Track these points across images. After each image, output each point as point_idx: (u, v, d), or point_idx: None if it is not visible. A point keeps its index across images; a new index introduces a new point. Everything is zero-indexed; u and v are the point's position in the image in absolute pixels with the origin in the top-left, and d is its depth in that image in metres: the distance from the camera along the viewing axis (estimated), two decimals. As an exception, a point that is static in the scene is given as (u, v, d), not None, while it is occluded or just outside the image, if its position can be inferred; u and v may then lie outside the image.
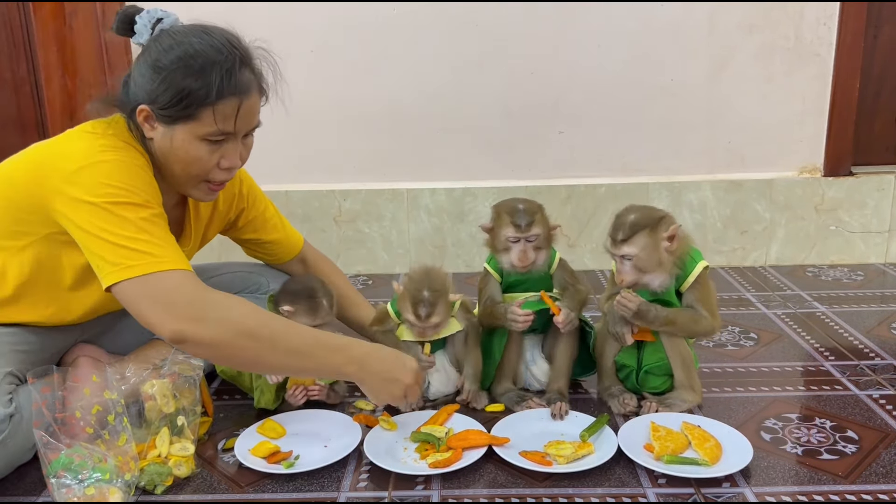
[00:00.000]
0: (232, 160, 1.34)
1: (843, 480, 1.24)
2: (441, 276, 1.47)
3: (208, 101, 1.26)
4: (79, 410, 1.28)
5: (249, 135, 1.38)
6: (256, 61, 1.34)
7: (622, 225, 1.40)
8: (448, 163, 2.47)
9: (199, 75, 1.25)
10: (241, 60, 1.29)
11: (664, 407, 1.45)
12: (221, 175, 1.36)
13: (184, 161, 1.32)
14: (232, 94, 1.27)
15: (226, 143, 1.32)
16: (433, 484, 1.25)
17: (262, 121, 1.38)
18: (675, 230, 1.39)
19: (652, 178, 2.46)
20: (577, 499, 1.20)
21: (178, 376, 1.35)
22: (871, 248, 2.48)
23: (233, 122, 1.29)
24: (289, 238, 1.75)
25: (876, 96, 2.47)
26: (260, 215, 1.68)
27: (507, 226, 1.46)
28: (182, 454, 1.29)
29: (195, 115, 1.27)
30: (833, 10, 2.32)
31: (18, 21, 2.44)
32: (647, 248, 1.38)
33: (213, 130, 1.29)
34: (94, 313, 1.45)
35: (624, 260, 1.41)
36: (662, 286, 1.43)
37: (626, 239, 1.39)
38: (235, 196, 1.62)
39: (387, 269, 2.53)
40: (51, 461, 1.18)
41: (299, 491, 1.25)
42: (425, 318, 1.43)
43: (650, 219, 1.39)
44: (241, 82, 1.28)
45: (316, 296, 1.49)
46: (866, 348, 1.78)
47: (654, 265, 1.40)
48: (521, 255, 1.47)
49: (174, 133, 1.29)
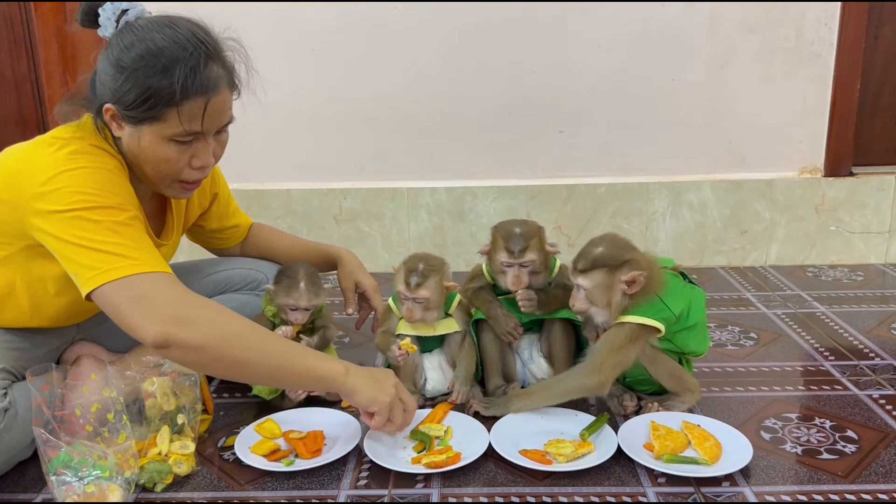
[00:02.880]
0: (204, 159, 1.30)
1: (842, 480, 1.24)
2: (439, 259, 1.50)
3: (173, 101, 1.20)
4: (78, 408, 1.28)
5: (223, 131, 1.33)
6: (228, 54, 1.29)
7: (586, 255, 1.37)
8: (448, 162, 2.47)
9: (162, 75, 1.19)
10: (207, 56, 1.23)
11: (664, 409, 1.45)
12: (194, 174, 1.32)
13: (153, 162, 1.28)
14: (198, 93, 1.22)
15: (196, 142, 1.28)
16: (433, 482, 1.25)
17: (235, 116, 1.33)
18: (633, 277, 1.33)
19: (652, 178, 2.46)
20: (576, 497, 1.20)
21: (178, 374, 1.35)
22: (871, 249, 2.48)
23: (199, 121, 1.24)
24: (245, 220, 1.76)
25: (876, 97, 2.47)
26: (225, 199, 1.67)
27: (501, 251, 1.46)
28: (182, 452, 1.29)
29: (160, 116, 1.22)
30: (834, 11, 2.32)
31: (19, 19, 2.44)
32: (601, 287, 1.35)
33: (180, 131, 1.24)
34: (85, 315, 1.45)
35: (580, 288, 1.38)
36: (605, 324, 1.40)
37: (584, 270, 1.36)
38: (209, 182, 1.60)
39: (387, 267, 2.53)
40: (50, 459, 1.18)
41: (299, 489, 1.25)
42: (414, 287, 1.44)
43: (614, 259, 1.35)
44: (207, 79, 1.23)
45: (296, 277, 1.50)
46: (866, 348, 1.78)
47: (603, 303, 1.37)
48: (515, 280, 1.47)
49: (141, 134, 1.25)
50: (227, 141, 1.36)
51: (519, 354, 1.58)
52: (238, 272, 1.75)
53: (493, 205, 2.46)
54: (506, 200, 2.46)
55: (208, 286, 1.71)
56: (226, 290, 1.73)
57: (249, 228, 1.78)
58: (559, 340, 1.55)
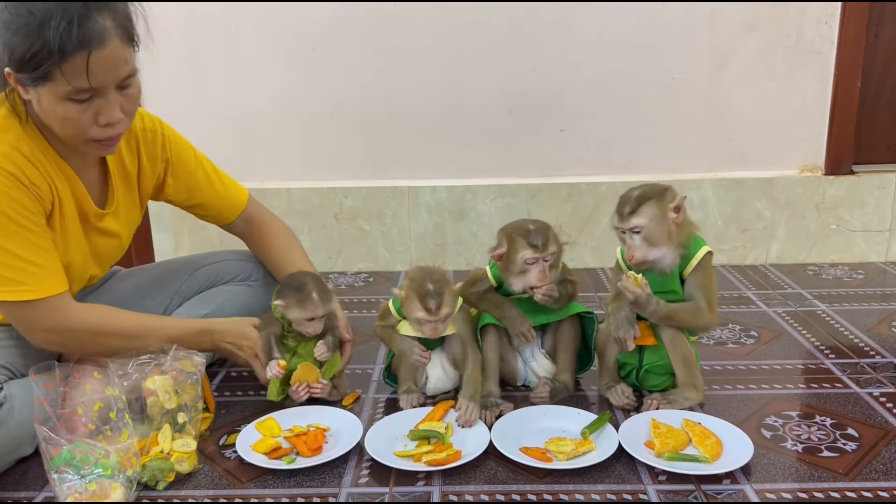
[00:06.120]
0: (108, 115, 1.25)
1: (843, 478, 1.24)
2: (439, 270, 1.46)
3: (52, 59, 1.15)
4: (80, 406, 1.29)
5: (127, 85, 1.26)
6: (121, 5, 1.22)
7: (628, 199, 1.40)
8: (449, 160, 2.47)
9: (38, 33, 1.14)
10: (87, 8, 1.16)
11: (666, 403, 1.45)
12: (104, 132, 1.27)
13: (57, 122, 1.24)
14: (78, 48, 1.16)
15: (95, 98, 1.22)
16: (434, 480, 1.25)
17: (138, 68, 1.27)
18: (680, 201, 1.39)
19: (653, 176, 2.45)
20: (577, 495, 1.21)
21: (179, 372, 1.35)
22: (872, 247, 2.48)
23: (85, 77, 1.18)
24: (230, 197, 1.67)
25: (877, 95, 2.47)
26: (190, 172, 1.60)
27: (524, 248, 1.42)
28: (184, 450, 1.29)
29: (47, 75, 1.18)
30: (834, 9, 2.32)
31: None
32: (655, 219, 1.38)
33: (70, 89, 1.19)
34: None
35: (633, 234, 1.39)
36: (673, 263, 1.42)
37: (633, 211, 1.38)
38: (158, 152, 1.54)
39: (388, 266, 2.53)
40: (52, 457, 1.18)
41: (300, 487, 1.25)
42: (436, 309, 1.40)
43: (655, 190, 1.40)
44: (88, 33, 1.16)
45: (305, 288, 1.45)
46: (867, 346, 1.79)
47: (662, 237, 1.39)
48: (541, 275, 1.43)
49: (39, 95, 1.22)
50: (137, 95, 1.30)
51: (520, 353, 1.58)
52: (229, 264, 1.74)
53: (494, 203, 2.46)
54: (506, 199, 2.46)
55: (200, 279, 1.71)
56: (217, 282, 1.72)
57: (249, 210, 1.70)
58: (566, 337, 1.54)
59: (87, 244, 1.45)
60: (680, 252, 1.42)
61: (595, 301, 2.16)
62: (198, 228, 2.42)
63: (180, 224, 2.49)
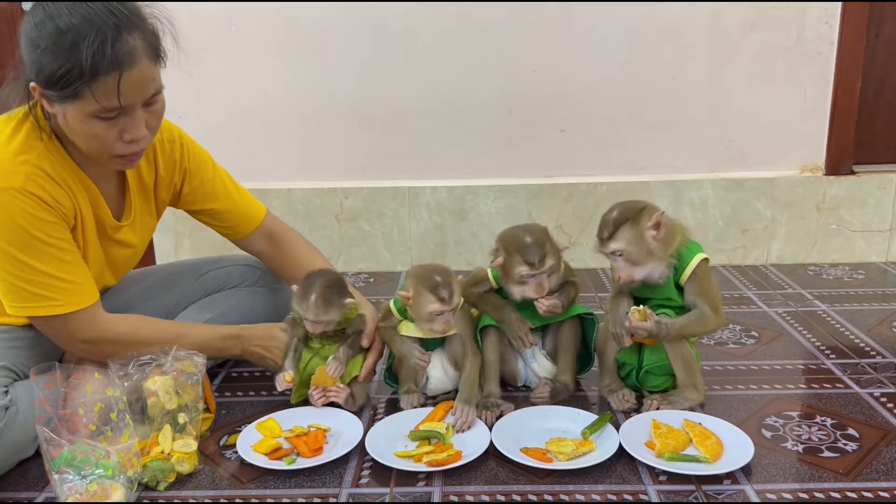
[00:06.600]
0: (134, 133, 1.25)
1: (843, 478, 1.24)
2: (442, 267, 1.45)
3: (83, 79, 1.16)
4: (81, 407, 1.29)
5: (153, 102, 1.27)
6: (149, 22, 1.23)
7: (606, 223, 1.41)
8: (449, 160, 2.47)
9: (70, 53, 1.15)
10: (118, 28, 1.17)
11: (667, 403, 1.45)
12: (129, 148, 1.28)
13: (83, 137, 1.25)
14: (109, 69, 1.16)
15: (122, 116, 1.23)
16: (434, 480, 1.26)
17: (164, 84, 1.28)
18: (657, 218, 1.39)
19: (653, 177, 2.46)
20: (578, 496, 1.21)
21: (180, 373, 1.35)
22: (873, 247, 2.48)
23: (115, 97, 1.19)
24: (246, 209, 1.65)
25: (877, 95, 2.47)
26: (207, 182, 1.59)
27: (520, 265, 1.41)
28: (184, 451, 1.29)
29: (76, 94, 1.18)
30: (835, 9, 2.32)
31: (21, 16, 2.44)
32: (633, 241, 1.39)
33: (98, 108, 1.20)
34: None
35: (615, 257, 1.41)
36: (662, 276, 1.42)
37: (611, 235, 1.40)
38: (177, 161, 1.54)
39: (388, 266, 2.53)
40: (53, 457, 1.18)
41: (301, 487, 1.25)
42: (448, 298, 1.39)
43: (631, 211, 1.40)
44: (119, 54, 1.16)
45: (311, 287, 1.42)
46: (867, 346, 1.78)
47: (644, 256, 1.39)
48: (538, 288, 1.44)
49: (65, 111, 1.22)
50: (161, 111, 1.31)
51: (521, 353, 1.58)
52: (235, 269, 1.74)
53: (494, 204, 2.46)
54: (507, 199, 2.46)
55: (206, 283, 1.71)
56: (223, 287, 1.72)
57: (266, 224, 1.68)
58: (566, 338, 1.54)
59: (104, 255, 1.46)
60: (670, 263, 1.42)
61: (595, 301, 2.16)
62: (198, 229, 2.40)
63: (181, 225, 2.49)
